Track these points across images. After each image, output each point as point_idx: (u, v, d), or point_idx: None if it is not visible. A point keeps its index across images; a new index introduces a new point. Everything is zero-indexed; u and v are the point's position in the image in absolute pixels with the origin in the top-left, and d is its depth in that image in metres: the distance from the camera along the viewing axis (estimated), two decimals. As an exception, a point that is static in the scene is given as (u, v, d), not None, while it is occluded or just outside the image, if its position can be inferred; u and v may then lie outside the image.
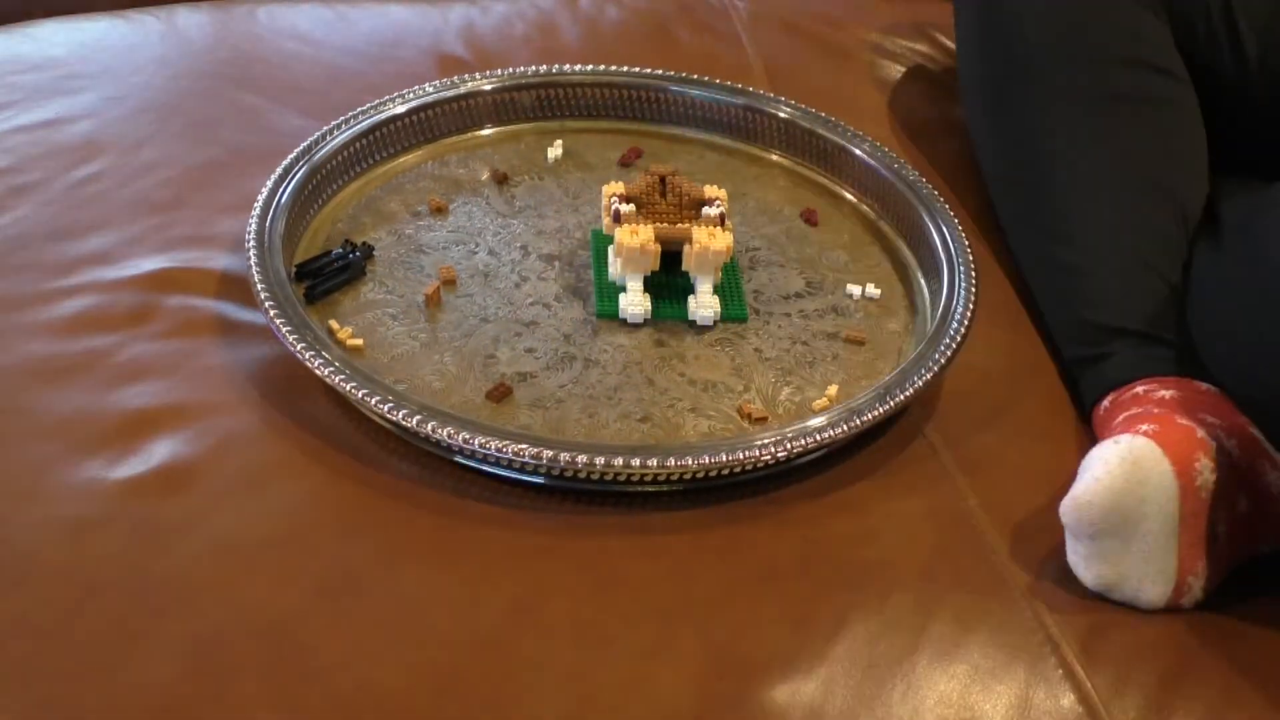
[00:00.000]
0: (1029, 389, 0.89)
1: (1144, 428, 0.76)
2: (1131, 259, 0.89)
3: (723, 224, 0.89)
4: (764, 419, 0.82)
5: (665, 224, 0.88)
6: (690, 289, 0.89)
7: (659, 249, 0.87)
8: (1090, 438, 0.85)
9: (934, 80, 1.18)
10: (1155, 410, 0.78)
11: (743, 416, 0.82)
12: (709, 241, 0.87)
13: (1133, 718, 0.71)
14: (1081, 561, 0.76)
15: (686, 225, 0.88)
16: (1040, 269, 0.94)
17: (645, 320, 0.88)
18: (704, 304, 0.88)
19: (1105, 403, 0.84)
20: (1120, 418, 0.80)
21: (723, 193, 0.91)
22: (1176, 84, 0.95)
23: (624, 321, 0.88)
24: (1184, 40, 0.96)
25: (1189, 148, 0.94)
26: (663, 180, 0.90)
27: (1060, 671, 0.73)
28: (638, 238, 0.86)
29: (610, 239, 0.89)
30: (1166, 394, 0.80)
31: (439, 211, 0.95)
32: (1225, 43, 0.95)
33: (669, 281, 0.89)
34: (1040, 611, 0.75)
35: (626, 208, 0.88)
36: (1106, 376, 0.85)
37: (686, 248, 0.87)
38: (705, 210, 0.89)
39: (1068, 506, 0.75)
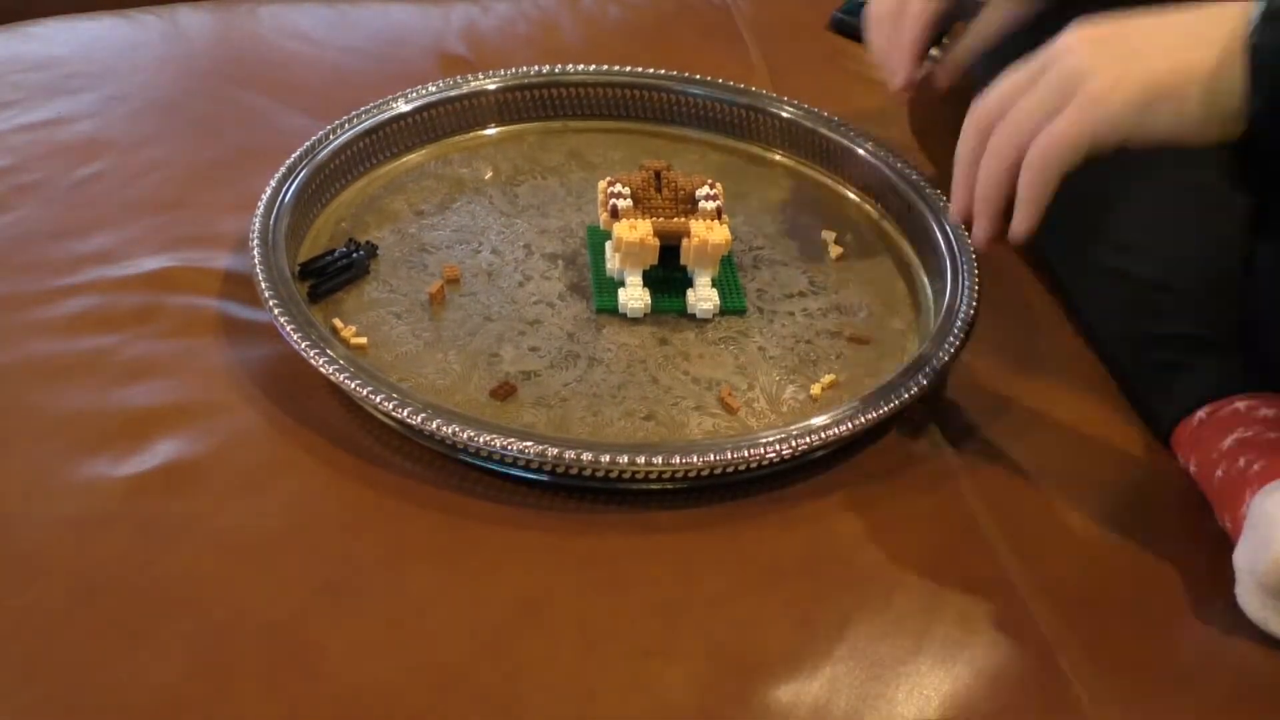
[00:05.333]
0: (1032, 387, 0.89)
1: None
2: (1207, 269, 0.87)
3: (720, 217, 0.89)
4: (736, 409, 0.82)
5: (662, 218, 0.88)
6: (688, 282, 0.89)
7: (658, 243, 0.87)
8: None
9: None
10: (1271, 435, 0.78)
11: (723, 406, 0.83)
12: (707, 235, 0.87)
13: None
14: (1274, 616, 0.74)
15: (684, 219, 0.89)
16: (1096, 280, 0.91)
17: (645, 314, 0.88)
18: (703, 297, 0.88)
19: (1199, 416, 0.82)
20: (1229, 439, 0.79)
21: (719, 187, 0.91)
22: None
23: (624, 316, 0.88)
24: None
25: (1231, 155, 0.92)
26: (657, 175, 0.91)
27: (1064, 673, 0.73)
28: (636, 232, 0.87)
29: (607, 234, 0.89)
30: (1270, 412, 0.79)
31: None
32: None
33: (667, 275, 0.89)
34: (1044, 612, 0.75)
35: (624, 203, 0.88)
36: (1197, 390, 0.82)
37: (685, 241, 0.88)
38: (702, 204, 0.89)
39: (1269, 569, 0.72)
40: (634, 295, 0.88)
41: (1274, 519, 0.73)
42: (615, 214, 0.88)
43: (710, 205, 0.89)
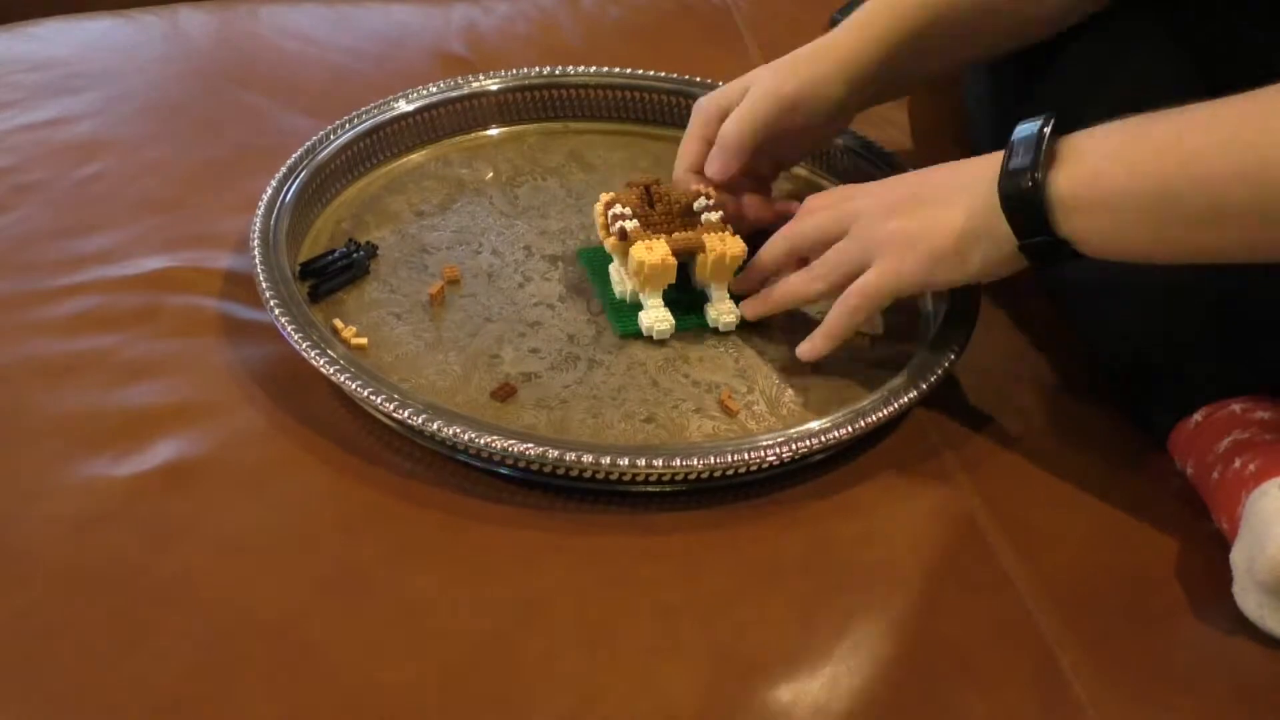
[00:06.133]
0: (1032, 390, 0.90)
1: None
2: (1200, 271, 0.87)
3: (728, 227, 0.88)
4: (736, 412, 0.82)
5: (666, 234, 0.87)
6: (701, 297, 0.88)
7: (676, 262, 0.86)
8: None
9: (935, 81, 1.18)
10: (1268, 436, 0.78)
11: (722, 409, 0.83)
12: (723, 248, 0.86)
13: None
14: (1270, 615, 0.74)
15: (694, 234, 0.87)
16: (1088, 287, 0.90)
17: (671, 336, 0.87)
18: (724, 310, 0.87)
19: (1195, 419, 0.82)
20: (1225, 441, 0.79)
21: (714, 192, 0.90)
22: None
23: (650, 339, 0.87)
24: (1207, 66, 0.94)
25: None
26: (647, 190, 0.90)
27: (1063, 674, 0.73)
28: (655, 253, 0.85)
29: (604, 257, 0.89)
30: (1265, 414, 0.79)
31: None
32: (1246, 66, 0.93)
33: (682, 293, 0.88)
34: (1044, 613, 0.75)
35: (632, 224, 0.87)
36: (1193, 394, 0.82)
37: (700, 257, 0.87)
38: (705, 216, 0.88)
39: (1265, 567, 0.72)
40: (659, 318, 0.86)
41: (1268, 518, 0.73)
42: (624, 236, 0.87)
43: (714, 216, 0.88)
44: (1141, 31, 0.94)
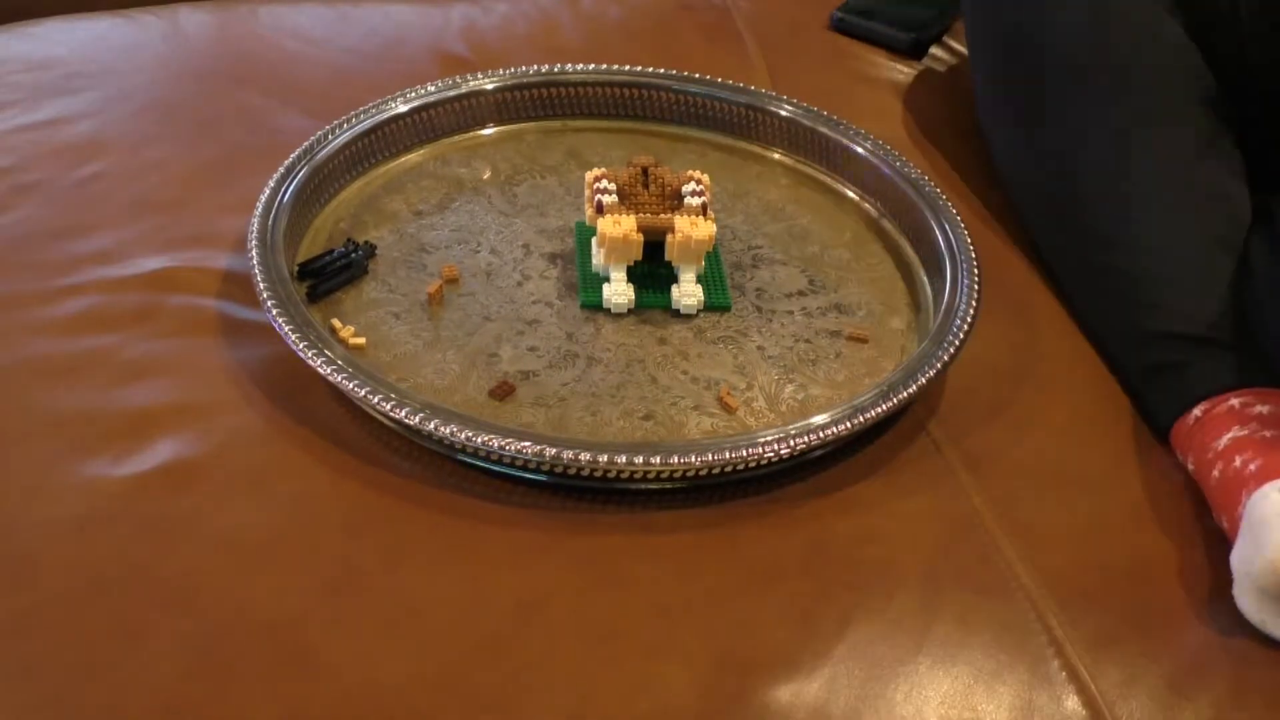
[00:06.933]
0: (1032, 386, 0.89)
1: None
2: (1200, 265, 0.87)
3: (705, 213, 0.89)
4: (735, 409, 0.82)
5: (648, 214, 0.89)
6: (673, 278, 0.89)
7: (641, 239, 0.88)
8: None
9: (936, 78, 1.18)
10: (1267, 433, 0.78)
11: (721, 406, 0.83)
12: (691, 231, 0.87)
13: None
14: (1270, 618, 0.74)
15: (669, 215, 0.89)
16: (1095, 279, 0.92)
17: (629, 310, 0.88)
18: (687, 293, 0.89)
19: (1195, 414, 0.82)
20: (1225, 437, 0.79)
21: (705, 177, 0.91)
22: (1207, 87, 0.93)
23: (608, 311, 0.88)
24: (1214, 45, 0.94)
25: (1228, 149, 0.93)
26: (645, 171, 0.91)
27: (1064, 673, 0.73)
28: (620, 228, 0.87)
29: (594, 230, 0.90)
30: (1265, 409, 0.80)
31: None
32: (1254, 46, 0.93)
33: (652, 271, 0.90)
34: (1045, 612, 0.75)
35: (609, 199, 0.89)
36: (1192, 388, 0.83)
37: (669, 237, 0.88)
38: (687, 200, 0.89)
39: (1265, 569, 0.72)
40: (618, 291, 0.88)
41: (1268, 522, 0.73)
42: (600, 209, 0.88)
43: (695, 201, 0.89)
44: None
